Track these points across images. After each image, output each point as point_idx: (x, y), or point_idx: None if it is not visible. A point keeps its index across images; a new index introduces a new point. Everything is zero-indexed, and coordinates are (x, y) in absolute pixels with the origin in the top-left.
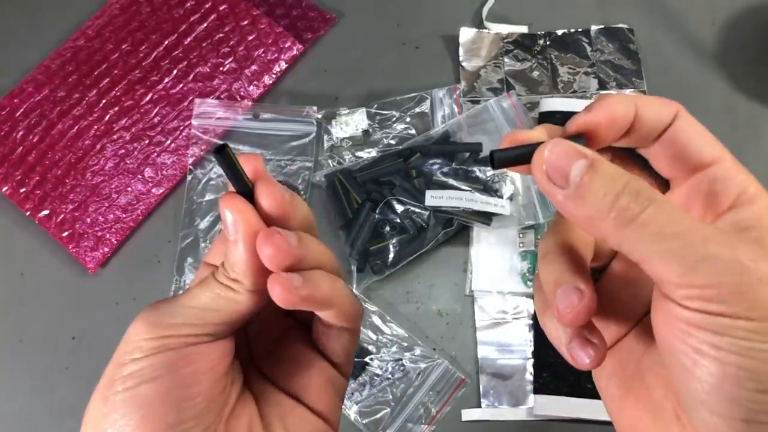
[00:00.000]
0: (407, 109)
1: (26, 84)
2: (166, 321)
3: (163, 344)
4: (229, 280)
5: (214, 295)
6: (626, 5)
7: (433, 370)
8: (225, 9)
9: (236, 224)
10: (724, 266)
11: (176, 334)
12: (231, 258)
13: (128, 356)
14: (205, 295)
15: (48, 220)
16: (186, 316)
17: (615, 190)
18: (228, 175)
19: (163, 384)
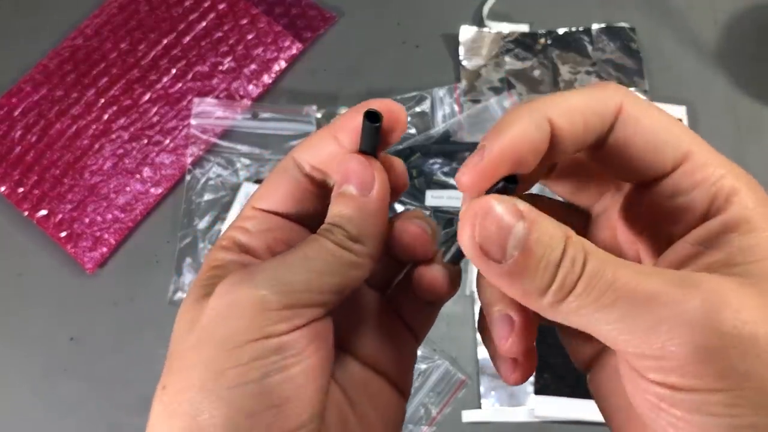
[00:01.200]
0: (407, 108)
1: (24, 83)
2: (285, 289)
3: (285, 318)
4: (350, 241)
5: (334, 257)
6: (628, 4)
7: (434, 371)
8: (224, 8)
9: (369, 179)
10: (676, 331)
11: (304, 304)
12: (356, 217)
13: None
14: (324, 257)
15: (46, 220)
16: (304, 282)
17: (554, 262)
18: (365, 139)
19: (292, 377)
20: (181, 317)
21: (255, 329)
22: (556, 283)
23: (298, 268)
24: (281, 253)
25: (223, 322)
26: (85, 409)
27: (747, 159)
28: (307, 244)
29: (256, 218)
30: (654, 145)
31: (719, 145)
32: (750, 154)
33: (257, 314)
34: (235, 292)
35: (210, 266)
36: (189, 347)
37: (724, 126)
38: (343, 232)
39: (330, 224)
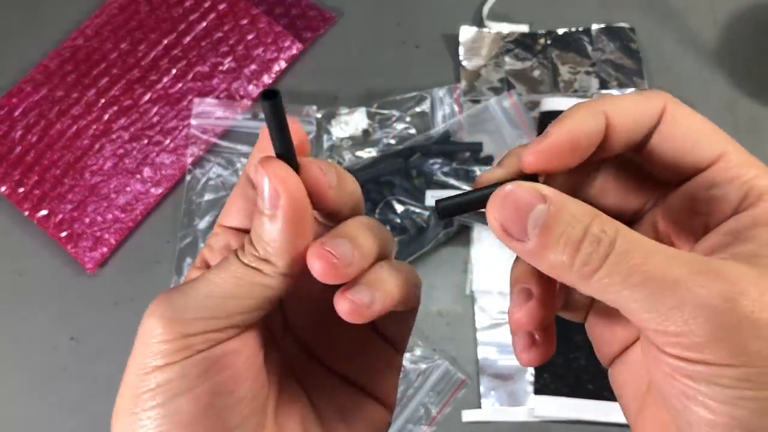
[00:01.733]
0: (407, 108)
1: (25, 83)
2: (186, 316)
3: (187, 345)
4: (258, 260)
5: (238, 279)
6: (627, 4)
7: (434, 371)
8: (224, 8)
9: (275, 195)
10: (697, 312)
11: (201, 331)
12: (265, 234)
13: (150, 362)
14: (227, 280)
15: (46, 220)
16: (208, 308)
17: (575, 239)
18: (272, 130)
19: (201, 396)
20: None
21: (160, 355)
22: (579, 259)
23: (200, 294)
24: None
25: (139, 348)
26: (85, 409)
27: None
28: (216, 267)
29: (218, 235)
30: (692, 142)
31: None
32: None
33: (161, 341)
34: (148, 318)
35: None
36: (126, 372)
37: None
38: (252, 250)
39: (247, 240)
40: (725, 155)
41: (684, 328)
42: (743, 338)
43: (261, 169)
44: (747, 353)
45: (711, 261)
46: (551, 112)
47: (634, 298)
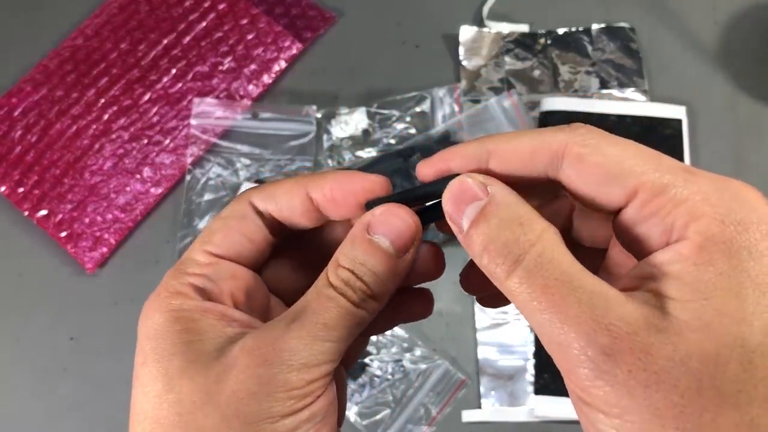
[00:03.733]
0: (407, 108)
1: (24, 83)
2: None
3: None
4: (370, 299)
5: (352, 321)
6: (628, 4)
7: (434, 371)
8: (224, 8)
9: (409, 241)
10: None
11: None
12: (383, 276)
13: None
14: (341, 324)
15: (46, 220)
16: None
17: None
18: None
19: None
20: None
21: (286, 406)
22: (495, 260)
23: (321, 339)
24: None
25: (253, 401)
26: (85, 409)
27: (747, 159)
28: (324, 309)
29: (216, 265)
30: (601, 182)
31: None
32: (750, 154)
33: (287, 392)
34: (261, 371)
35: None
36: (213, 423)
37: (724, 126)
38: (365, 288)
39: (349, 272)
40: (640, 190)
41: (571, 368)
42: (618, 393)
43: (406, 215)
44: (619, 406)
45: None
46: (551, 112)
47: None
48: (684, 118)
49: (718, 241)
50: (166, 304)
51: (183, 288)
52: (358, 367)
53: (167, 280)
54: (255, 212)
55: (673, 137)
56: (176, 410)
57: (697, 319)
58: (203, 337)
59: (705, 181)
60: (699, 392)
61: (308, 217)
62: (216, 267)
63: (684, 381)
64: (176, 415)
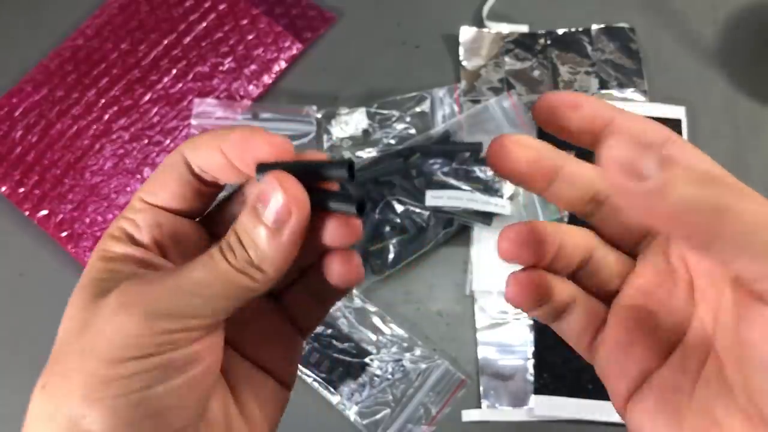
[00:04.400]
0: (407, 108)
1: (25, 83)
2: (169, 312)
3: (169, 341)
4: (250, 266)
5: (228, 282)
6: (627, 5)
7: (434, 371)
8: (224, 8)
9: (286, 213)
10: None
11: (183, 328)
12: (262, 245)
13: (125, 353)
14: (216, 282)
15: (47, 220)
16: (194, 306)
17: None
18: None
19: (174, 388)
20: (73, 312)
21: (139, 347)
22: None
23: (189, 293)
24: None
25: (110, 336)
26: None
27: (746, 159)
28: (203, 266)
29: (144, 212)
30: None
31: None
32: (749, 154)
33: (143, 334)
34: (126, 309)
35: (102, 257)
36: (75, 352)
37: (724, 126)
38: (246, 257)
39: (235, 239)
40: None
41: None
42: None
43: (276, 182)
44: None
45: None
46: None
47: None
48: (683, 118)
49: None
50: (99, 245)
51: (115, 231)
52: (358, 367)
53: (113, 222)
54: (184, 163)
55: None
56: (60, 336)
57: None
58: (114, 277)
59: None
60: None
61: (225, 172)
62: (143, 214)
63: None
64: (59, 340)
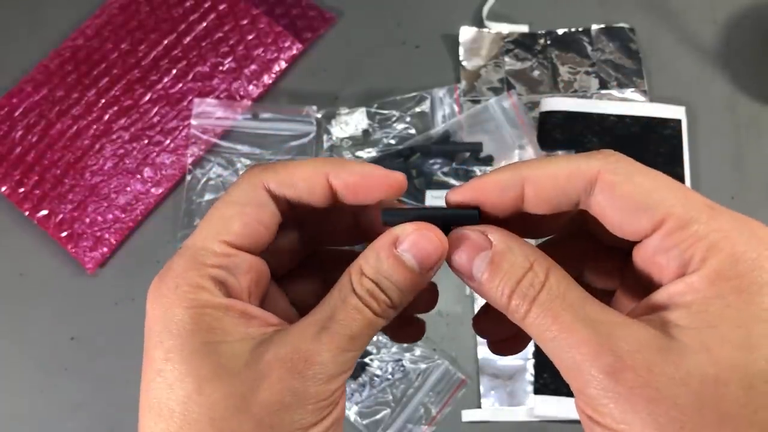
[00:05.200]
0: (407, 108)
1: (25, 84)
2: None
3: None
4: (389, 309)
5: (372, 328)
6: (627, 5)
7: (434, 371)
8: (224, 8)
9: (434, 261)
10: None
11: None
12: (406, 290)
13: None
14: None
15: (47, 220)
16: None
17: (509, 288)
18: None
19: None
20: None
21: (314, 416)
22: (513, 302)
23: (345, 350)
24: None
25: (284, 412)
26: (85, 409)
27: (746, 159)
28: (350, 318)
29: (235, 257)
30: (629, 210)
31: (718, 145)
32: (749, 155)
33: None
34: (293, 383)
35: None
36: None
37: (724, 126)
38: (388, 302)
39: (374, 284)
40: (667, 221)
41: (581, 388)
42: (622, 409)
43: (433, 235)
44: (625, 422)
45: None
46: (551, 112)
47: (547, 347)
48: (683, 118)
49: (730, 276)
50: (188, 299)
51: (204, 282)
52: (358, 367)
53: (184, 272)
54: (271, 198)
55: (673, 137)
56: (209, 414)
57: (700, 343)
58: (229, 339)
59: (726, 219)
60: (700, 411)
61: (326, 201)
62: (234, 259)
63: (685, 399)
64: (209, 419)
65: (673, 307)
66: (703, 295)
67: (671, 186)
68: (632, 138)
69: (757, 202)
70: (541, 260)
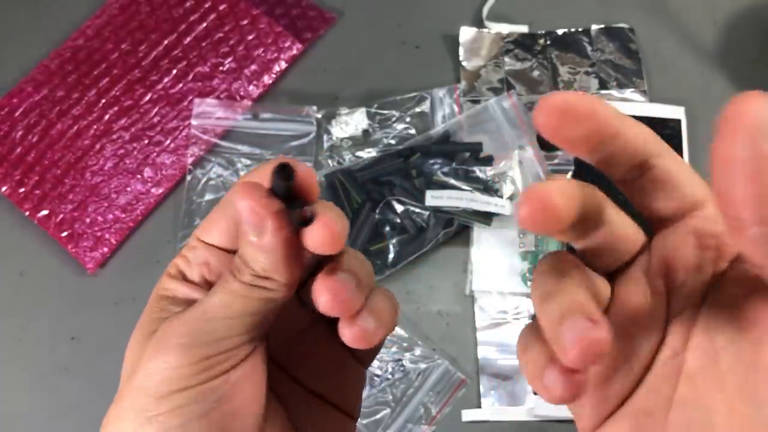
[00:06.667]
0: (407, 108)
1: (25, 84)
2: (200, 339)
3: (208, 367)
4: (259, 278)
5: (245, 298)
6: (627, 5)
7: (434, 371)
8: (224, 8)
9: (257, 218)
10: None
11: (217, 352)
12: (259, 259)
13: (168, 387)
14: (235, 300)
15: (47, 220)
16: (221, 329)
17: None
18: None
19: (214, 421)
20: (130, 352)
21: (180, 379)
22: None
23: (213, 317)
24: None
25: (153, 371)
26: (85, 409)
27: None
28: (221, 290)
29: (197, 249)
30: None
31: None
32: None
33: (182, 365)
34: (163, 343)
35: (158, 295)
36: (130, 391)
37: None
38: (251, 271)
39: (239, 260)
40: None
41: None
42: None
43: (244, 195)
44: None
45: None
46: None
47: None
48: (683, 119)
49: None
50: (162, 284)
51: (172, 270)
52: None
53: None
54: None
55: (673, 137)
56: (122, 377)
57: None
58: (165, 315)
59: None
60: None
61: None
62: (195, 251)
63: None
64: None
65: None
66: None
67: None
68: None
69: None
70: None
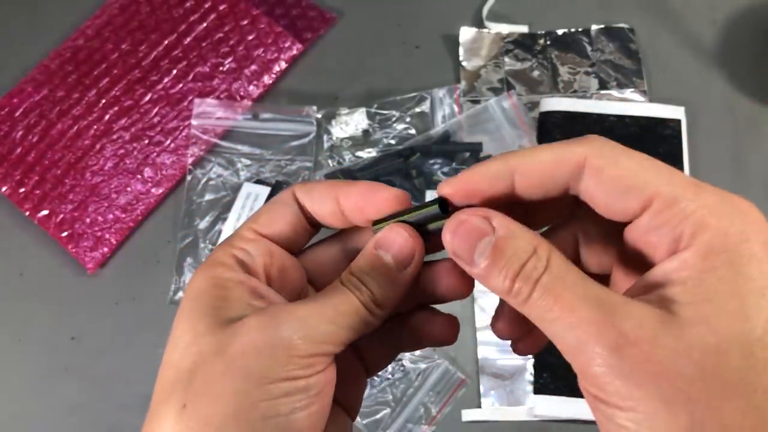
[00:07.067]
0: (407, 108)
1: (25, 84)
2: (312, 336)
3: (310, 364)
4: (375, 304)
5: (356, 316)
6: (627, 5)
7: (434, 371)
8: (224, 9)
9: (408, 257)
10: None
11: (322, 353)
12: (386, 286)
13: (274, 373)
14: (352, 314)
15: (47, 220)
16: (331, 333)
17: (513, 270)
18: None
19: (312, 414)
20: (193, 337)
21: (286, 369)
22: (516, 286)
23: (328, 320)
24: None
25: (257, 358)
26: (85, 409)
27: (745, 159)
28: (337, 297)
29: (257, 242)
30: (618, 192)
31: (718, 145)
32: (749, 154)
33: (289, 357)
34: (269, 332)
35: (215, 284)
36: (218, 373)
37: (723, 126)
38: (371, 295)
39: (358, 280)
40: (655, 201)
41: (585, 368)
42: (628, 385)
43: (404, 233)
44: (631, 398)
45: (615, 304)
46: (551, 112)
47: (549, 329)
48: (683, 118)
49: (720, 250)
50: (209, 271)
51: (226, 259)
52: None
53: (215, 252)
54: (296, 202)
55: (672, 137)
56: (193, 359)
57: (698, 316)
58: (231, 305)
59: (710, 195)
60: (703, 380)
61: (336, 219)
62: (256, 243)
63: (688, 370)
64: (192, 363)
65: (669, 284)
66: (697, 270)
67: (656, 166)
68: (632, 138)
69: (756, 202)
70: (543, 245)
